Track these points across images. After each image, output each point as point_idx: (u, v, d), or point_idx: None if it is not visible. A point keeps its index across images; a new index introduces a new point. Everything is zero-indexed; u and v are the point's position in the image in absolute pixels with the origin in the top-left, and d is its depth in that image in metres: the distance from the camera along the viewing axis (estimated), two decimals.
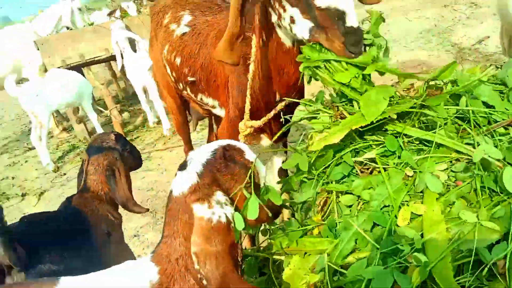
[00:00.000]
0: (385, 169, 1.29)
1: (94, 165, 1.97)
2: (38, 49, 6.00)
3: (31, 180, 5.53)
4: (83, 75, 6.76)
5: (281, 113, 1.92)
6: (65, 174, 5.46)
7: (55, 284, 1.09)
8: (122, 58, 5.79)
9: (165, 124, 5.77)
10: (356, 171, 1.39)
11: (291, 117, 1.95)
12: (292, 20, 1.58)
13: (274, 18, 1.74)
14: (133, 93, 8.17)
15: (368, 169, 1.38)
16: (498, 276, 0.99)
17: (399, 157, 1.31)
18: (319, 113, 1.48)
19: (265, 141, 2.30)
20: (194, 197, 1.06)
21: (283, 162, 2.63)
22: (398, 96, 1.45)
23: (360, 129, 1.33)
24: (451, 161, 1.27)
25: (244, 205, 1.12)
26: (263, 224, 1.56)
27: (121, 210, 2.04)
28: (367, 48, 1.52)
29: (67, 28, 6.95)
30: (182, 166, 1.14)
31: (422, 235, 1.11)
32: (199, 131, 5.55)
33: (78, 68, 6.37)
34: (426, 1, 8.94)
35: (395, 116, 1.29)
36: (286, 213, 2.70)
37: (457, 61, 1.74)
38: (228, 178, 1.12)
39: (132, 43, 5.73)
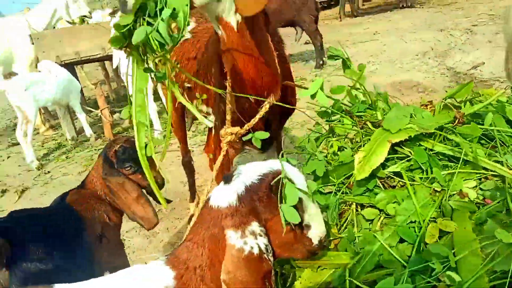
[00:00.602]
0: (411, 184, 1.24)
1: (97, 163, 1.87)
2: (33, 43, 5.87)
3: (13, 176, 5.33)
4: (76, 74, 6.65)
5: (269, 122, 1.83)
6: (49, 172, 5.30)
7: None
8: (120, 58, 5.69)
9: (156, 128, 5.66)
10: (378, 185, 1.33)
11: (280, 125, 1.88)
12: None
13: None
14: (124, 94, 8.08)
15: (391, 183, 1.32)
16: None
17: (425, 172, 1.26)
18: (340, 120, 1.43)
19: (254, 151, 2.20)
20: (230, 223, 1.02)
21: None
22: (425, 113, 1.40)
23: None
24: (479, 179, 1.23)
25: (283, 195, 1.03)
26: None
27: None
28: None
29: (68, 22, 6.79)
30: (227, 178, 1.09)
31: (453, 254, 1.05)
32: (191, 137, 5.46)
33: (71, 66, 6.25)
34: (422, 25, 9.09)
35: (431, 130, 1.24)
36: None
37: (453, 85, 1.74)
38: (267, 210, 1.04)
39: None
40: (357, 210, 1.33)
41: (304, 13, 7.47)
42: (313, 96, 1.38)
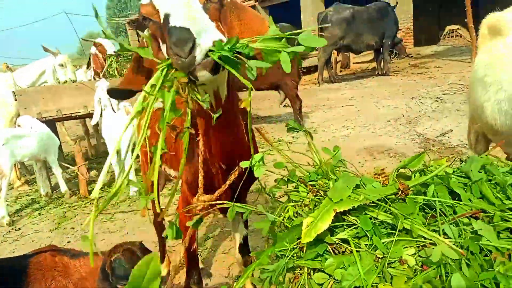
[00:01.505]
0: (357, 251, 1.33)
1: (103, 260, 1.83)
2: (16, 100, 5.97)
3: None
4: (56, 129, 6.72)
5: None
6: (20, 229, 5.20)
7: None
8: (101, 116, 5.79)
9: (133, 188, 5.68)
10: (329, 250, 1.41)
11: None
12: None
13: None
14: (103, 151, 8.13)
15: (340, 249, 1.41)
16: None
17: (370, 239, 1.35)
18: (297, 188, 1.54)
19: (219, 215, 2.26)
20: None
21: (244, 237, 2.65)
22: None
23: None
24: (418, 247, 1.33)
25: None
26: None
27: None
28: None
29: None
30: None
31: None
32: (166, 196, 5.49)
33: (52, 122, 6.33)
34: (395, 92, 9.54)
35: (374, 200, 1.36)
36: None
37: (422, 151, 1.89)
38: None
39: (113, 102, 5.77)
40: (309, 274, 1.40)
41: (288, 78, 7.82)
42: (252, 167, 1.52)
